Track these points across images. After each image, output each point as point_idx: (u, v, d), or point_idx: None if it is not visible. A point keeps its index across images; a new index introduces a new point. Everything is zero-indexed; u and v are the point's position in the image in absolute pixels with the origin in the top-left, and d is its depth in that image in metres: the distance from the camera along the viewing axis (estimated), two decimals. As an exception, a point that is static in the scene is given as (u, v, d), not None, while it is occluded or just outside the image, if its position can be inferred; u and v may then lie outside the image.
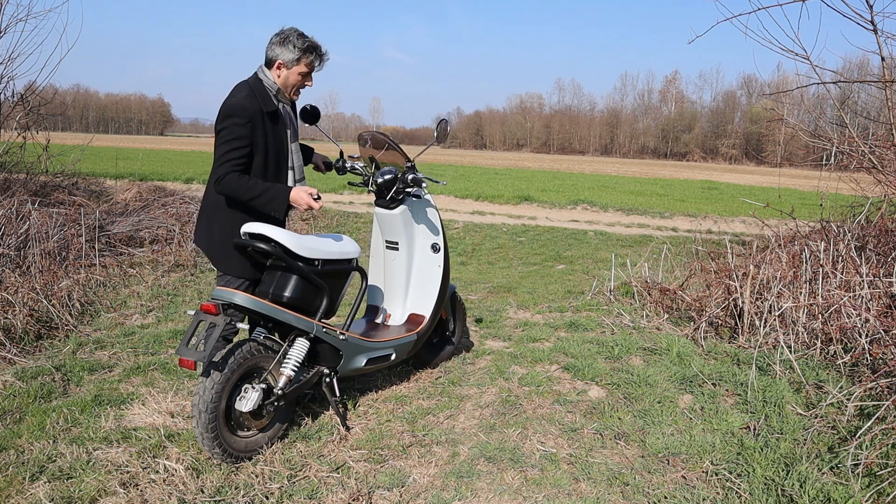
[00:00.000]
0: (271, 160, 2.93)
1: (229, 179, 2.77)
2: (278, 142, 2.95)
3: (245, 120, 2.78)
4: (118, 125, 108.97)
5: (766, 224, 6.04)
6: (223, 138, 2.78)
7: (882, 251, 4.50)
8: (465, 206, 14.29)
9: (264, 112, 2.87)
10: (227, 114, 2.79)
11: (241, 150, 2.79)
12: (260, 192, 2.81)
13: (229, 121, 2.78)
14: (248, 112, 2.79)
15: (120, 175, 15.54)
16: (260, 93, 2.89)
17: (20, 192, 6.94)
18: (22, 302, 4.32)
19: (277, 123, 2.95)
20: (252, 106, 2.82)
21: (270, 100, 2.92)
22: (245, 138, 2.79)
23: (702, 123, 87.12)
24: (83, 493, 2.44)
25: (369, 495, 2.53)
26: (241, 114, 2.78)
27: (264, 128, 2.87)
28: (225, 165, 2.77)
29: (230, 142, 2.77)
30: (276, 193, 2.85)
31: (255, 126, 2.82)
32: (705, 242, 6.81)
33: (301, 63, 2.91)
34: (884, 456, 2.59)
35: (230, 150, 2.77)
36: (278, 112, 2.96)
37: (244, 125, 2.78)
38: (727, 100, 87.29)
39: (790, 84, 7.93)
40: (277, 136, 2.94)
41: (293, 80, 2.95)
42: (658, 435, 2.98)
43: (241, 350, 2.69)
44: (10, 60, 7.58)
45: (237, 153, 2.78)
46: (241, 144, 2.78)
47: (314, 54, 2.93)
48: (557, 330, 4.61)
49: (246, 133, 2.79)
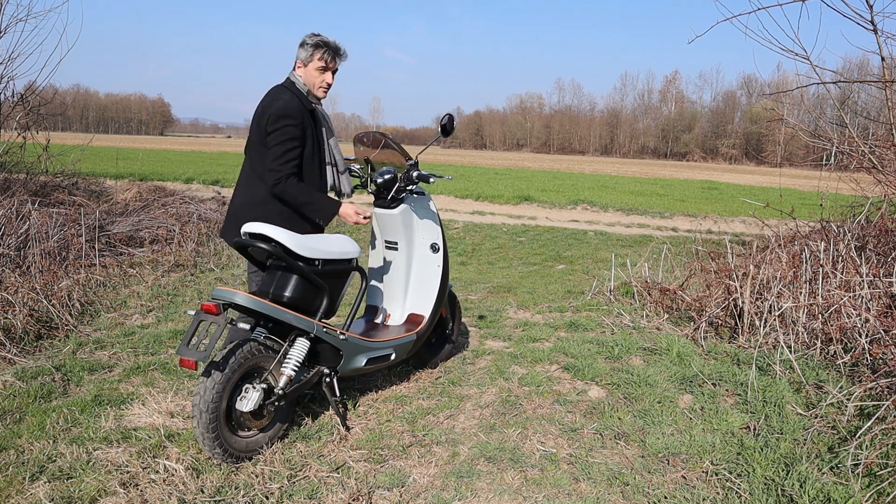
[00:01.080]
0: (314, 157, 3.09)
1: (290, 184, 2.94)
2: (319, 139, 3.13)
3: (297, 121, 2.95)
4: (118, 125, 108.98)
5: (766, 224, 6.04)
6: (278, 139, 2.91)
7: (882, 251, 4.50)
8: (465, 206, 14.29)
9: (306, 111, 3.04)
10: (281, 115, 2.92)
11: (296, 151, 2.96)
12: (313, 201, 3.00)
13: (283, 121, 2.92)
14: (299, 113, 2.97)
15: (120, 175, 15.54)
16: (300, 94, 3.06)
17: (20, 192, 6.94)
18: (22, 302, 4.32)
19: (316, 122, 3.12)
20: (300, 107, 3.00)
21: (307, 100, 3.08)
22: (298, 139, 2.96)
23: (702, 123, 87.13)
24: (83, 493, 2.44)
25: (369, 495, 2.53)
26: (295, 115, 2.95)
27: (309, 128, 3.04)
28: (286, 167, 2.92)
29: (286, 142, 2.92)
30: (327, 205, 3.04)
31: (305, 126, 3.00)
32: (705, 242, 6.81)
33: (315, 59, 3.04)
34: (884, 456, 2.59)
35: (287, 151, 2.92)
36: (315, 111, 3.12)
37: (297, 126, 2.94)
38: (727, 100, 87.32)
39: (790, 84, 7.93)
40: (318, 134, 3.12)
41: (312, 78, 3.08)
42: (658, 435, 2.98)
43: (241, 350, 2.69)
44: (10, 60, 7.59)
45: (293, 154, 2.94)
46: (295, 145, 2.95)
47: (325, 49, 3.05)
48: (557, 330, 4.61)
49: (298, 134, 2.96)
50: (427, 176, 3.40)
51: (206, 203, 9.25)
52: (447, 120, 3.44)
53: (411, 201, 3.50)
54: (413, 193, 3.51)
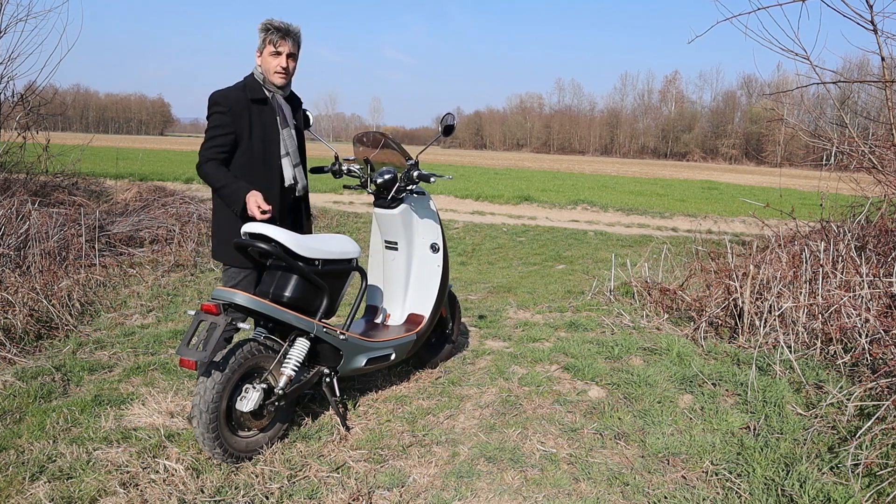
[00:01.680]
0: (259, 146, 3.02)
1: (208, 166, 2.93)
2: (267, 128, 3.04)
3: (226, 108, 2.92)
4: (118, 125, 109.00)
5: (766, 224, 6.04)
6: (208, 125, 2.95)
7: (882, 251, 4.50)
8: (465, 206, 14.29)
9: (251, 100, 2.99)
10: (211, 102, 2.97)
11: (224, 139, 2.93)
12: (223, 184, 2.91)
13: (212, 108, 2.96)
14: (229, 101, 2.94)
15: (120, 175, 15.54)
16: (250, 84, 3.03)
17: (20, 192, 6.94)
18: (22, 302, 4.32)
19: (266, 111, 3.05)
20: (236, 95, 2.97)
21: (259, 89, 3.03)
22: (226, 126, 2.92)
23: (702, 123, 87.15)
24: (83, 493, 2.44)
25: (369, 495, 2.53)
26: (223, 102, 2.94)
27: (250, 115, 2.99)
28: (209, 151, 2.93)
29: (213, 129, 2.94)
30: (234, 191, 2.91)
31: (239, 115, 2.95)
32: (705, 242, 6.81)
33: (266, 44, 3.00)
34: (884, 456, 2.59)
35: (213, 137, 2.93)
36: (267, 100, 3.05)
37: (225, 113, 2.92)
38: (727, 100, 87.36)
39: (790, 84, 7.93)
40: (266, 123, 3.04)
41: (267, 64, 3.03)
42: (658, 435, 2.98)
43: (241, 350, 2.69)
44: (10, 60, 7.58)
45: (219, 140, 2.93)
46: (222, 132, 2.93)
47: (271, 30, 2.98)
48: (557, 330, 4.61)
49: (227, 121, 2.92)
50: (427, 175, 3.39)
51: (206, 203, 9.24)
52: (448, 120, 3.43)
53: (411, 201, 3.50)
54: (413, 193, 3.51)
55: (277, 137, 3.07)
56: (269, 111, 3.05)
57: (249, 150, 3.00)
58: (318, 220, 10.52)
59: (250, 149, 3.00)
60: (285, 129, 3.10)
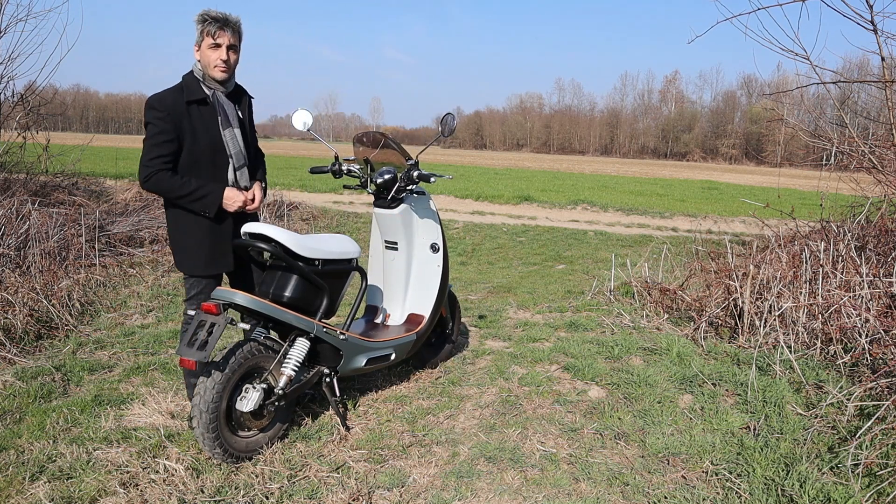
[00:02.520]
0: (204, 149, 2.83)
1: (159, 178, 2.72)
2: (210, 130, 2.85)
3: (164, 112, 2.72)
4: (118, 125, 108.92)
5: (766, 224, 6.04)
6: (147, 133, 2.74)
7: (882, 251, 4.50)
8: (465, 206, 14.29)
9: (189, 102, 2.79)
10: (147, 107, 2.75)
11: (167, 146, 2.73)
12: (190, 191, 2.75)
13: (149, 115, 2.74)
14: (166, 104, 2.74)
15: (120, 175, 15.53)
16: (188, 84, 2.83)
17: (20, 192, 6.94)
18: (22, 302, 4.32)
19: (206, 111, 2.85)
20: (172, 97, 2.77)
21: (198, 88, 2.84)
22: (168, 132, 2.73)
23: (702, 123, 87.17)
24: (83, 493, 2.44)
25: (369, 495, 2.53)
26: (159, 106, 2.73)
27: (190, 118, 2.79)
28: (154, 162, 2.72)
29: (153, 136, 2.72)
30: (207, 192, 2.79)
31: (179, 118, 2.75)
32: (705, 242, 6.82)
33: (204, 35, 2.79)
34: (884, 456, 2.59)
35: (154, 146, 2.72)
36: (206, 99, 2.85)
37: (163, 118, 2.72)
38: (727, 100, 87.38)
39: (790, 84, 7.93)
40: (208, 125, 2.85)
41: (206, 58, 2.82)
42: (658, 435, 2.98)
43: (241, 350, 2.69)
44: (10, 60, 7.58)
45: (162, 149, 2.72)
46: (164, 139, 2.73)
47: (208, 21, 2.78)
48: (557, 330, 4.61)
49: (167, 127, 2.72)
50: (427, 175, 3.39)
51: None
52: (448, 120, 3.43)
53: (411, 201, 3.50)
54: (413, 193, 3.51)
55: (221, 140, 2.88)
56: (210, 112, 2.85)
57: (193, 155, 2.81)
58: (318, 220, 10.53)
59: (194, 154, 2.81)
60: (227, 129, 2.90)
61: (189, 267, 2.91)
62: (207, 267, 2.92)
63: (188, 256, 2.89)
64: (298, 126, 3.38)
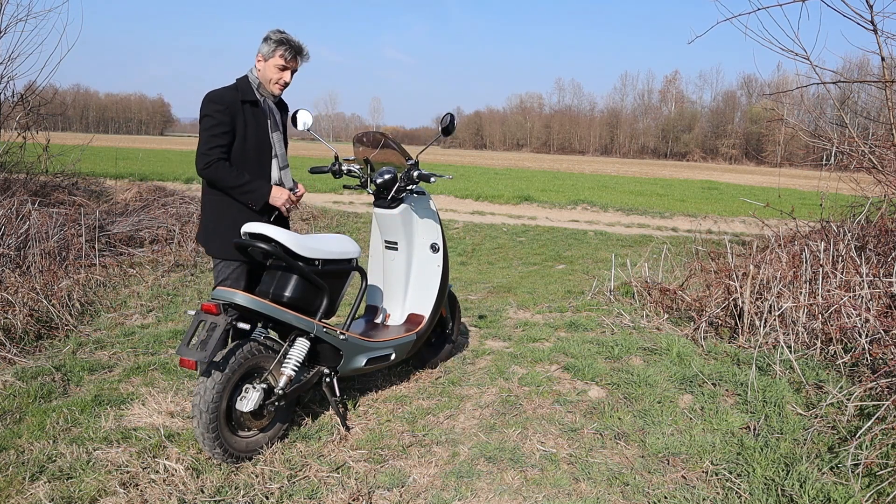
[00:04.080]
0: (252, 147, 3.06)
1: (218, 167, 2.94)
2: (260, 130, 3.09)
3: (223, 107, 2.95)
4: (118, 125, 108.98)
5: (766, 224, 6.04)
6: (206, 124, 2.95)
7: (882, 251, 4.50)
8: (465, 206, 14.28)
9: (243, 101, 3.02)
10: (208, 100, 2.98)
11: (224, 137, 2.95)
12: (243, 183, 2.98)
13: (209, 107, 2.96)
14: (225, 100, 2.97)
15: (120, 175, 15.54)
16: (242, 86, 3.07)
17: (20, 192, 6.94)
18: (22, 302, 4.32)
19: (258, 113, 3.08)
20: (230, 95, 3.00)
21: (251, 91, 3.07)
22: (226, 124, 2.95)
23: (702, 123, 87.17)
24: (83, 493, 2.44)
25: (369, 495, 2.53)
26: (220, 101, 2.96)
27: (244, 116, 3.02)
28: (214, 151, 2.93)
29: (212, 128, 2.94)
30: (258, 187, 3.02)
31: (234, 114, 2.98)
32: (705, 242, 6.82)
33: (276, 55, 3.04)
34: (884, 456, 2.59)
35: (213, 137, 2.94)
36: (258, 102, 3.09)
37: (223, 112, 2.94)
38: (727, 100, 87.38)
39: (790, 84, 7.93)
40: (259, 125, 3.08)
41: (270, 74, 3.08)
42: (658, 435, 2.98)
43: (241, 350, 2.69)
44: (10, 60, 7.58)
45: (220, 140, 2.94)
46: (222, 131, 2.94)
47: (287, 46, 3.05)
48: (557, 330, 4.61)
49: (226, 120, 2.95)
50: (427, 175, 3.39)
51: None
52: (448, 120, 3.43)
53: (411, 201, 3.50)
54: (413, 193, 3.51)
55: (269, 139, 3.12)
56: (261, 113, 3.10)
57: (243, 151, 3.03)
58: (318, 220, 10.52)
59: (244, 150, 3.03)
60: (275, 132, 3.16)
61: (220, 249, 3.06)
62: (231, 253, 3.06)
63: (222, 239, 3.04)
64: (298, 126, 3.38)
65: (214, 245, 3.09)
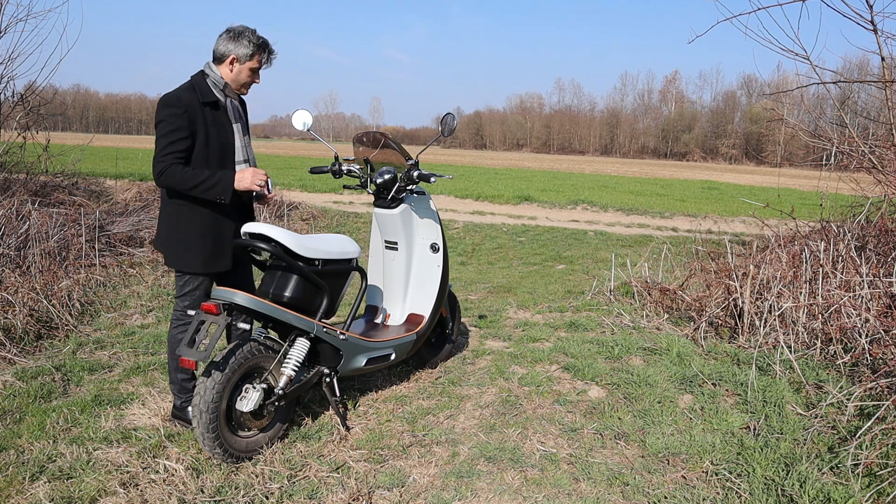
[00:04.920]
0: (214, 151, 2.87)
1: (172, 171, 2.74)
2: (222, 133, 2.91)
3: (180, 110, 2.75)
4: (118, 125, 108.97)
5: (766, 224, 6.04)
6: (162, 130, 2.76)
7: (882, 251, 4.51)
8: (465, 206, 14.28)
9: (202, 103, 2.83)
10: (163, 104, 2.77)
11: (183, 143, 2.76)
12: (203, 179, 2.77)
13: (165, 111, 2.75)
14: (182, 102, 2.77)
15: (120, 175, 15.54)
16: (200, 86, 2.87)
17: (20, 192, 6.94)
18: (22, 302, 4.32)
19: (220, 115, 2.91)
20: (187, 97, 2.80)
21: (211, 92, 2.88)
22: (184, 129, 2.76)
23: (702, 123, 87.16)
24: (83, 493, 2.44)
25: (369, 495, 2.53)
26: (176, 104, 2.76)
27: (204, 119, 2.83)
28: (168, 157, 2.73)
29: (170, 133, 2.74)
30: (221, 177, 2.81)
31: (193, 116, 2.79)
32: (705, 242, 6.82)
33: (254, 59, 2.90)
34: (884, 456, 2.59)
35: (170, 143, 2.74)
36: (219, 104, 2.91)
37: (181, 115, 2.75)
38: (727, 100, 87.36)
39: (790, 84, 7.93)
40: (221, 128, 2.90)
41: (243, 76, 2.92)
42: (658, 435, 2.98)
43: (241, 350, 2.69)
44: (10, 60, 7.59)
45: (179, 145, 2.75)
46: (181, 136, 2.75)
47: (266, 51, 2.94)
48: (557, 330, 4.61)
49: (184, 124, 2.75)
50: (427, 175, 3.39)
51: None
52: (448, 120, 3.43)
53: (411, 201, 3.50)
54: (413, 193, 3.51)
55: (232, 141, 2.95)
56: (223, 115, 2.92)
57: (206, 156, 2.85)
58: (318, 220, 10.53)
59: (207, 154, 2.85)
60: (238, 134, 2.98)
61: (187, 263, 2.89)
62: (207, 265, 2.91)
63: (188, 253, 2.88)
64: (298, 126, 3.38)
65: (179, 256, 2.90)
